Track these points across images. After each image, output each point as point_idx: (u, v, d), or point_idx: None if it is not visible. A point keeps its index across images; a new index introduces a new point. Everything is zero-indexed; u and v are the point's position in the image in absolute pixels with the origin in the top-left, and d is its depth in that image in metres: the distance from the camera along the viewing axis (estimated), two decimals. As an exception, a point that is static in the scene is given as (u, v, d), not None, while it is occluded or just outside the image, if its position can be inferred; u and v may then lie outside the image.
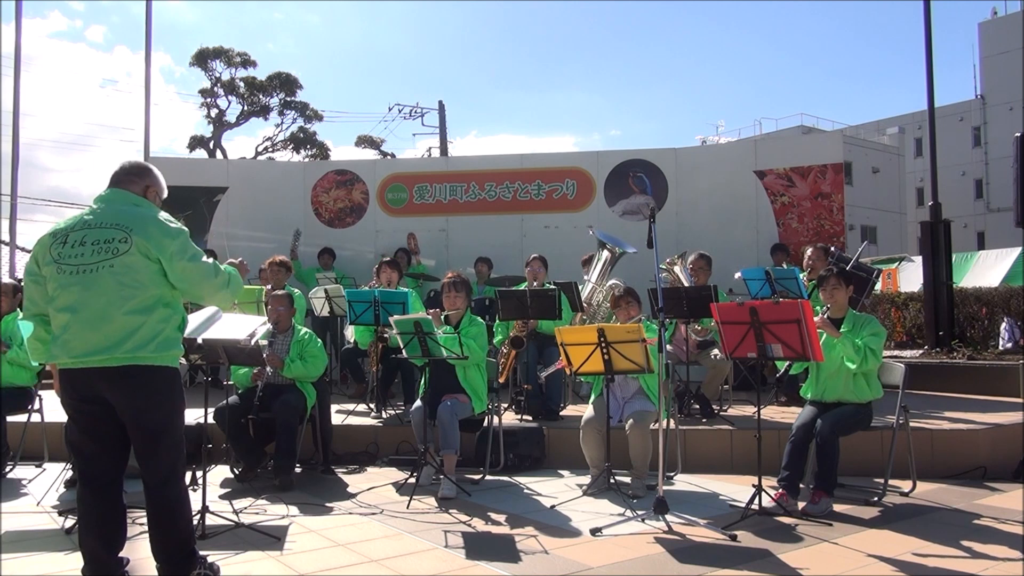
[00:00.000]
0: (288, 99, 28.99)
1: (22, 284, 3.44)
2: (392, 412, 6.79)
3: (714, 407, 6.55)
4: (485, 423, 5.61)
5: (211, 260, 3.30)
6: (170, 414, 3.19)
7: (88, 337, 3.04)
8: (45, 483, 5.31)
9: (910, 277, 15.86)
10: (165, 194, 3.47)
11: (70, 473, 5.27)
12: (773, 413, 6.41)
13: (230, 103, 28.72)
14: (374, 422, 6.52)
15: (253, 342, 4.70)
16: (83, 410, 3.15)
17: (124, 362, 3.04)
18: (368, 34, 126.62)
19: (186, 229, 3.28)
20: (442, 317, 5.50)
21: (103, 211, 3.22)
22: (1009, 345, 11.03)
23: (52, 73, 65.66)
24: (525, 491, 5.15)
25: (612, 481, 4.88)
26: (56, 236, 3.17)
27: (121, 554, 3.23)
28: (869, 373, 4.77)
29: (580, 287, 7.02)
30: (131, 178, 3.33)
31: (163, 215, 3.25)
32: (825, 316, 4.88)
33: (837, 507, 4.53)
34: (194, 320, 3.92)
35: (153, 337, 3.09)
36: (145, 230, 3.13)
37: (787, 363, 5.06)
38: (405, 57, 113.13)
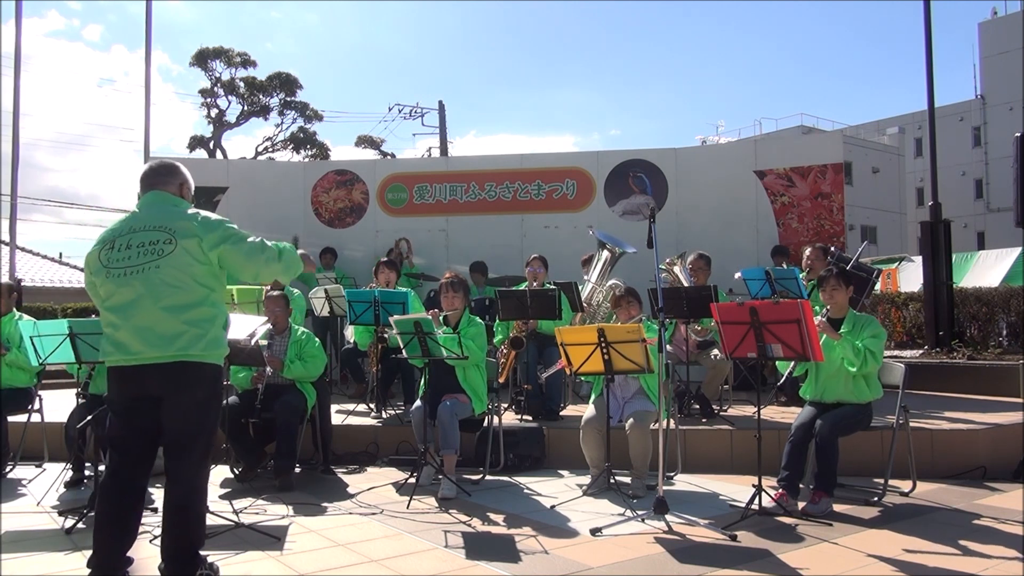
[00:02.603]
0: (288, 99, 28.98)
1: (21, 283, 3.51)
2: (392, 412, 6.79)
3: (714, 407, 6.55)
4: (485, 423, 5.61)
5: (258, 238, 3.39)
6: (211, 412, 3.35)
7: (140, 336, 3.16)
8: (45, 483, 5.31)
9: (910, 277, 15.85)
10: (193, 187, 3.60)
11: (70, 473, 5.27)
12: (773, 413, 6.42)
13: (230, 103, 28.73)
14: (374, 422, 6.52)
15: (253, 342, 4.72)
16: (131, 408, 3.25)
17: (177, 358, 3.16)
18: (367, 34, 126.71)
19: (226, 218, 3.40)
20: (441, 318, 5.50)
21: (146, 214, 3.35)
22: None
23: (49, 72, 65.75)
24: (525, 491, 5.15)
25: (612, 481, 4.88)
26: (104, 243, 3.31)
27: (128, 553, 3.25)
28: (869, 374, 4.77)
29: (580, 287, 7.03)
30: (165, 179, 3.47)
31: (203, 212, 3.38)
32: (825, 317, 4.88)
33: (837, 507, 4.53)
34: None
35: (202, 335, 3.21)
36: (188, 229, 3.25)
37: (788, 370, 5.05)
38: (404, 57, 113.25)
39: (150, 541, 3.83)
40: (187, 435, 3.24)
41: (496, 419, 5.63)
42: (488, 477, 5.46)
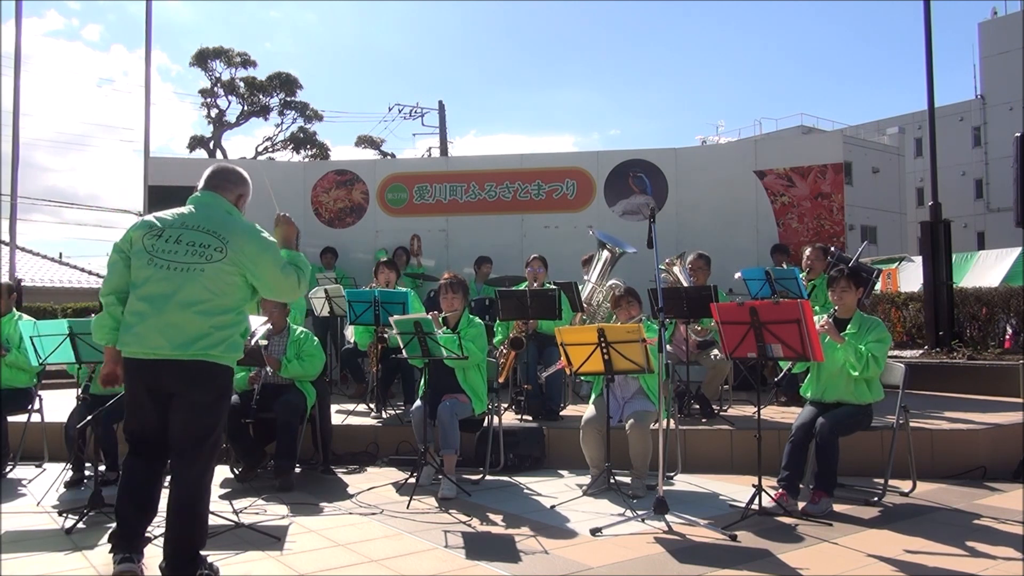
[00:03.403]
0: (288, 99, 28.99)
1: (21, 283, 3.52)
2: (392, 412, 6.79)
3: (714, 407, 6.55)
4: (485, 423, 5.61)
5: (286, 264, 3.49)
6: (221, 412, 3.39)
7: (165, 332, 3.20)
8: (45, 483, 5.31)
9: (910, 277, 15.86)
10: (250, 199, 3.68)
11: (70, 473, 5.28)
12: (773, 413, 6.41)
13: (230, 103, 28.74)
14: (374, 422, 6.52)
15: (254, 342, 4.71)
16: (144, 396, 3.29)
17: (196, 357, 3.21)
18: (366, 33, 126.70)
19: (274, 240, 3.54)
20: (440, 319, 5.49)
21: (200, 214, 3.40)
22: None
23: (49, 72, 65.74)
24: (525, 491, 5.15)
25: (612, 481, 4.88)
26: (152, 229, 3.34)
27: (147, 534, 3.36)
28: (871, 377, 4.77)
29: (580, 287, 7.03)
30: (227, 185, 3.53)
31: (258, 228, 3.45)
32: (831, 318, 4.88)
33: (837, 507, 4.52)
34: None
35: (224, 339, 3.28)
36: (242, 243, 3.33)
37: (786, 367, 5.05)
38: (403, 56, 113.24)
39: (162, 536, 3.83)
40: (195, 435, 3.26)
41: (496, 419, 5.63)
42: (488, 477, 5.46)
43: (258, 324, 4.55)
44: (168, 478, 3.31)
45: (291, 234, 3.97)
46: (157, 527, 3.51)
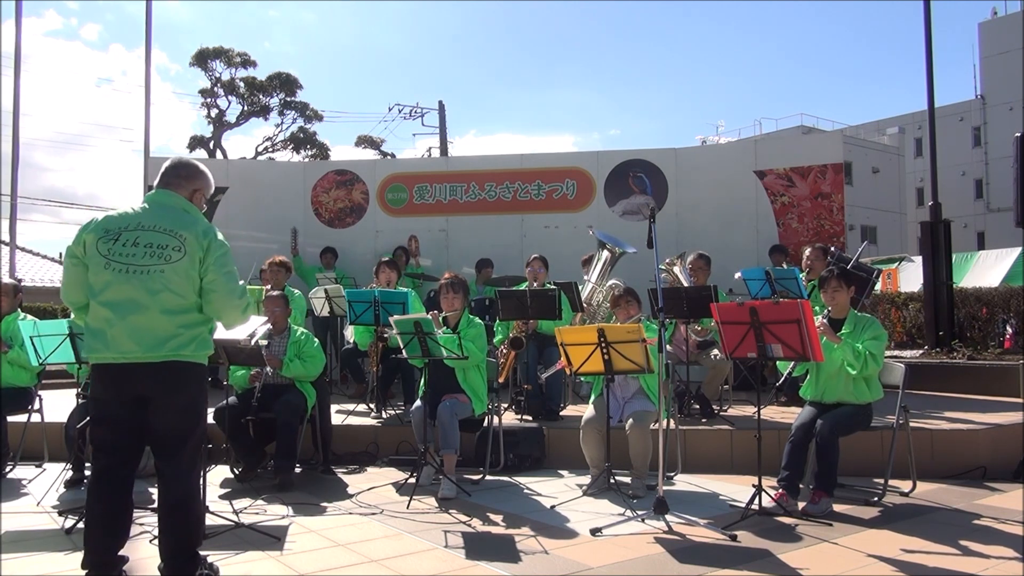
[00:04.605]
0: (288, 99, 28.99)
1: (22, 284, 3.48)
2: (392, 412, 6.79)
3: (714, 407, 6.55)
4: (485, 423, 5.61)
5: (241, 283, 3.40)
6: (200, 411, 3.35)
7: (134, 336, 3.15)
8: (45, 483, 5.31)
9: (910, 277, 15.86)
10: (211, 191, 3.57)
11: (70, 473, 5.27)
12: (773, 413, 6.41)
13: (230, 103, 28.74)
14: (374, 422, 6.52)
15: (253, 342, 4.71)
16: (114, 402, 3.22)
17: (167, 358, 3.17)
18: (365, 33, 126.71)
19: (229, 246, 3.39)
20: (440, 319, 5.49)
21: (155, 213, 3.31)
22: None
23: (47, 72, 65.74)
24: (525, 491, 5.15)
25: (612, 481, 4.88)
26: (108, 232, 3.24)
27: (121, 552, 3.25)
28: (870, 376, 4.77)
29: (580, 287, 7.03)
30: (180, 181, 3.43)
31: (217, 232, 3.36)
32: (826, 318, 4.88)
33: (837, 507, 4.52)
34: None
35: (194, 338, 3.24)
36: (198, 241, 3.25)
37: (787, 371, 5.04)
38: (404, 57, 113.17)
39: (150, 541, 3.83)
40: (177, 435, 3.22)
41: (496, 419, 5.63)
42: (488, 477, 5.46)
43: (258, 324, 4.55)
44: (155, 484, 3.28)
45: None
46: (156, 527, 3.50)
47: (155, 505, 3.66)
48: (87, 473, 5.18)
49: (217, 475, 5.44)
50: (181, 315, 3.21)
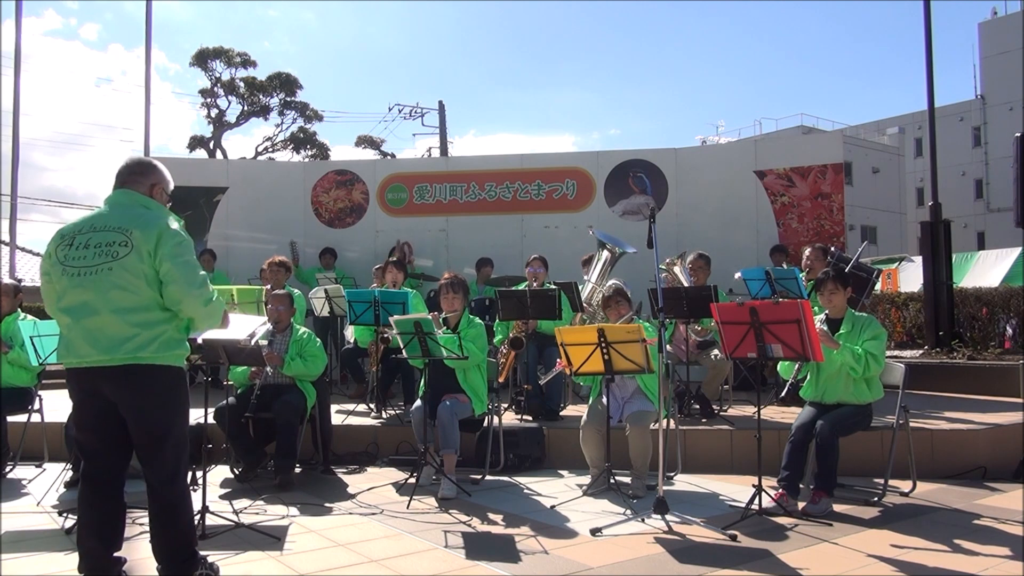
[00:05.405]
0: (288, 99, 29.00)
1: (22, 284, 3.45)
2: (392, 412, 6.79)
3: (714, 407, 6.55)
4: (485, 423, 5.61)
5: (206, 277, 3.26)
6: (172, 414, 3.21)
7: (89, 338, 3.08)
8: (45, 483, 5.31)
9: (910, 277, 15.86)
10: (171, 187, 3.49)
11: (70, 473, 5.27)
12: (773, 413, 6.41)
13: (230, 103, 28.75)
14: (374, 422, 6.52)
15: (253, 342, 4.71)
16: (88, 406, 3.19)
17: (125, 361, 3.07)
18: (365, 33, 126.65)
19: (189, 239, 3.26)
20: (440, 319, 5.49)
21: (109, 213, 3.23)
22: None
23: (47, 71, 65.76)
24: (525, 491, 5.15)
25: (612, 481, 4.88)
26: (64, 238, 3.20)
27: (119, 554, 3.24)
28: (871, 376, 4.77)
29: (580, 287, 7.03)
30: (135, 178, 3.34)
31: (171, 221, 3.24)
32: (824, 318, 4.88)
33: (837, 507, 4.53)
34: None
35: (154, 338, 3.11)
36: (146, 232, 3.12)
37: (789, 381, 5.03)
38: (402, 56, 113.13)
39: (149, 541, 3.82)
40: (150, 440, 3.14)
41: (496, 419, 5.63)
42: (488, 477, 5.46)
43: (257, 324, 4.54)
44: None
45: None
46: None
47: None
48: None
49: (217, 475, 5.44)
50: (136, 313, 3.09)
